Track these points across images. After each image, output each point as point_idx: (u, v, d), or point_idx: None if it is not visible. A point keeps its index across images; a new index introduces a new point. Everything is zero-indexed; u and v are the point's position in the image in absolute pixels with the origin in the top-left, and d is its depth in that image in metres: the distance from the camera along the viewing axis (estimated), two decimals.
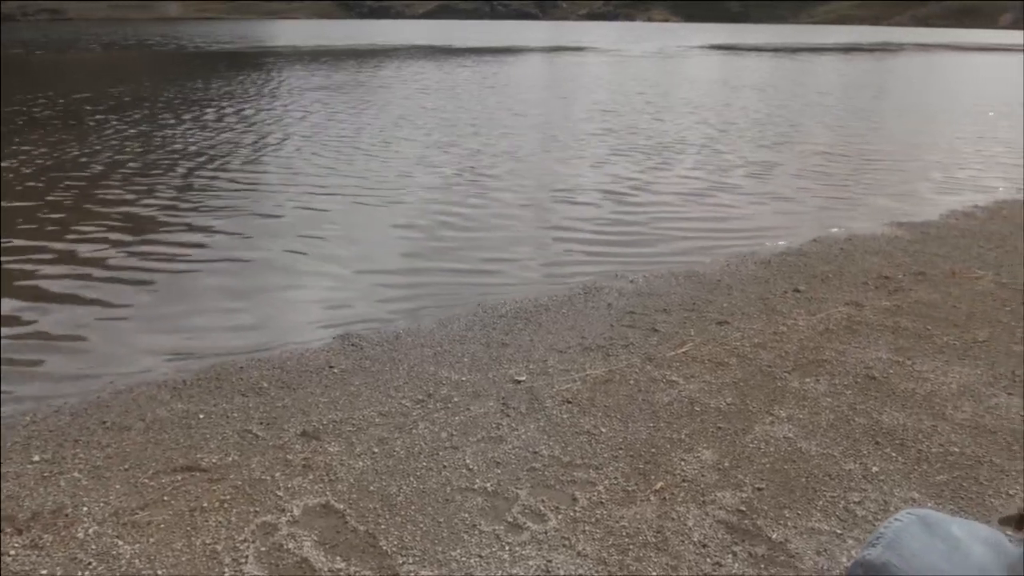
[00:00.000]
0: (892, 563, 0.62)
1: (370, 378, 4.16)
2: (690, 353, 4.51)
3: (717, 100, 20.18)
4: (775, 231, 7.67)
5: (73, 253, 6.63)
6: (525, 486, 3.20)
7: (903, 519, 0.67)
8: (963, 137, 14.44)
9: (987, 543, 0.61)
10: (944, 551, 0.61)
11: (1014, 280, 5.96)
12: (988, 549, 0.60)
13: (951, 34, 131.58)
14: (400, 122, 14.87)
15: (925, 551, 0.62)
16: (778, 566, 2.76)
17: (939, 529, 0.64)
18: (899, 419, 3.78)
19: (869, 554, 0.65)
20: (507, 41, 64.01)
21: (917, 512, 0.68)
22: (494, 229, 7.58)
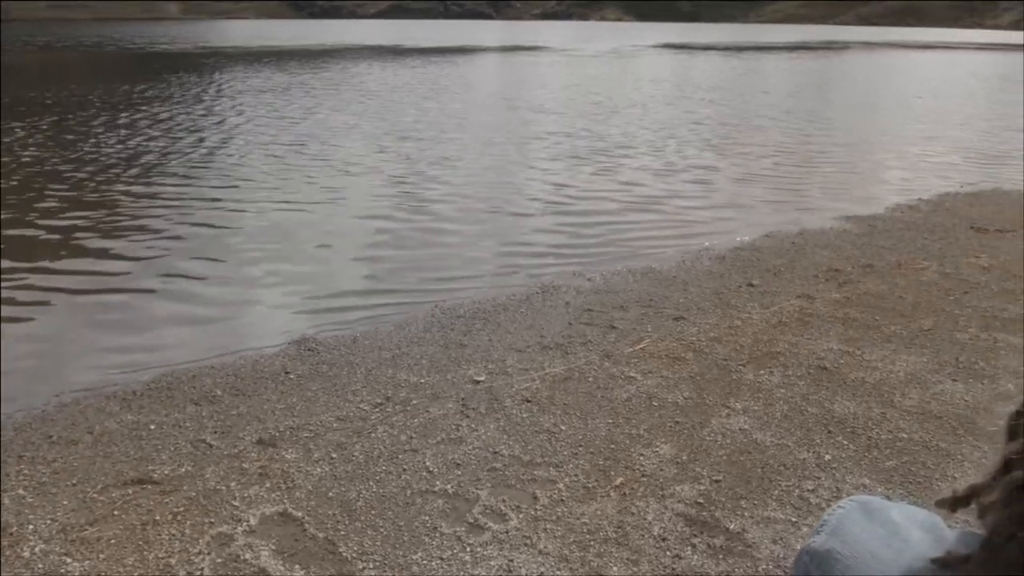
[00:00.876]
0: (836, 549, 0.63)
1: (327, 383, 4.11)
2: (647, 349, 4.56)
3: (670, 99, 20.44)
4: (729, 227, 7.80)
5: (10, 262, 6.40)
6: (486, 486, 3.19)
7: (846, 506, 0.69)
8: (907, 133, 14.89)
9: (924, 527, 0.62)
10: (884, 536, 0.62)
11: (957, 270, 6.16)
12: (925, 533, 0.61)
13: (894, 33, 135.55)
14: (347, 124, 14.70)
15: (866, 536, 0.63)
16: (736, 556, 2.80)
17: (879, 515, 0.65)
18: (850, 408, 3.87)
19: (814, 541, 0.66)
20: (460, 41, 63.89)
21: (859, 499, 0.69)
22: (450, 231, 7.55)
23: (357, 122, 14.88)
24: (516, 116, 16.31)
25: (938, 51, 60.51)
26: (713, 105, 19.03)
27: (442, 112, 16.62)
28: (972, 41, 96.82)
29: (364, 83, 23.82)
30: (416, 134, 13.47)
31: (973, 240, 7.11)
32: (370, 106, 17.44)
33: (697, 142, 13.13)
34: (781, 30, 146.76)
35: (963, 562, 0.55)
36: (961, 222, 7.82)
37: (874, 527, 0.64)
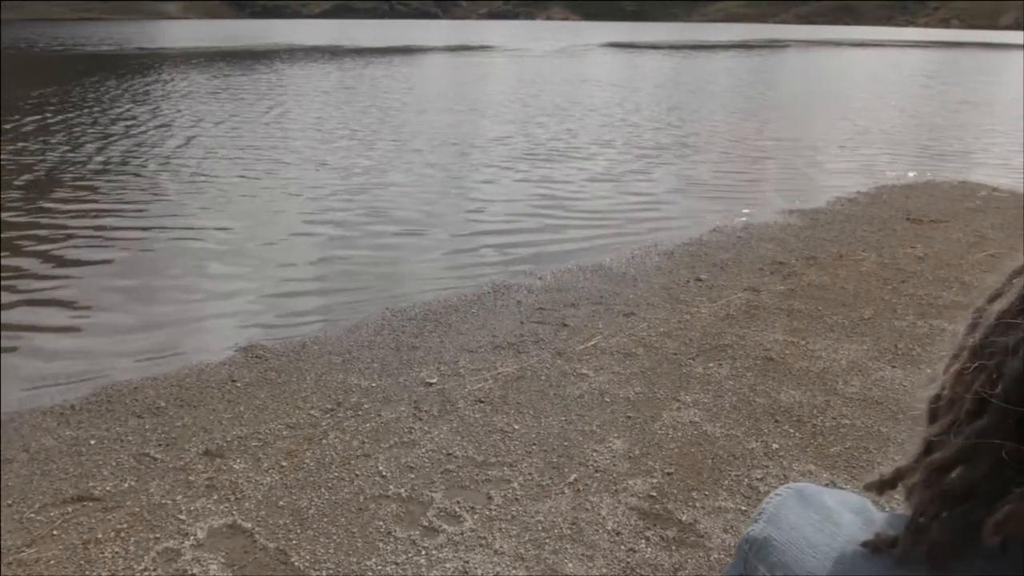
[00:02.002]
0: (772, 536, 0.64)
1: (276, 390, 4.03)
2: (599, 346, 4.59)
3: (618, 98, 20.65)
4: (677, 223, 7.92)
5: None
6: (440, 489, 3.17)
7: (782, 494, 0.70)
8: (845, 128, 15.33)
9: (855, 510, 0.63)
10: (817, 521, 0.63)
11: (894, 260, 6.37)
12: (856, 516, 0.62)
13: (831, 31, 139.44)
14: (291, 126, 14.47)
15: (800, 523, 0.64)
16: (688, 547, 2.84)
17: (813, 501, 0.66)
18: (796, 397, 3.96)
19: (753, 530, 0.67)
20: (406, 41, 63.43)
21: (795, 486, 0.70)
22: (399, 234, 7.49)
23: (302, 124, 14.64)
24: (464, 117, 16.26)
25: (872, 49, 62.53)
26: (659, 103, 19.30)
27: (387, 114, 16.47)
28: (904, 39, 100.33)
29: (306, 85, 23.46)
30: (362, 136, 13.32)
31: (909, 231, 7.36)
32: (314, 108, 17.18)
33: (644, 140, 13.29)
34: (723, 29, 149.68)
35: (890, 544, 0.56)
36: (897, 214, 8.08)
37: (808, 513, 0.64)
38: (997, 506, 0.49)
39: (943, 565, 0.53)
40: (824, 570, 0.58)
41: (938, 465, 0.55)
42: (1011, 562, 0.51)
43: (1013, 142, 13.97)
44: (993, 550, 0.51)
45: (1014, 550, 0.51)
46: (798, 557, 0.61)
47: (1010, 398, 0.51)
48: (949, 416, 0.56)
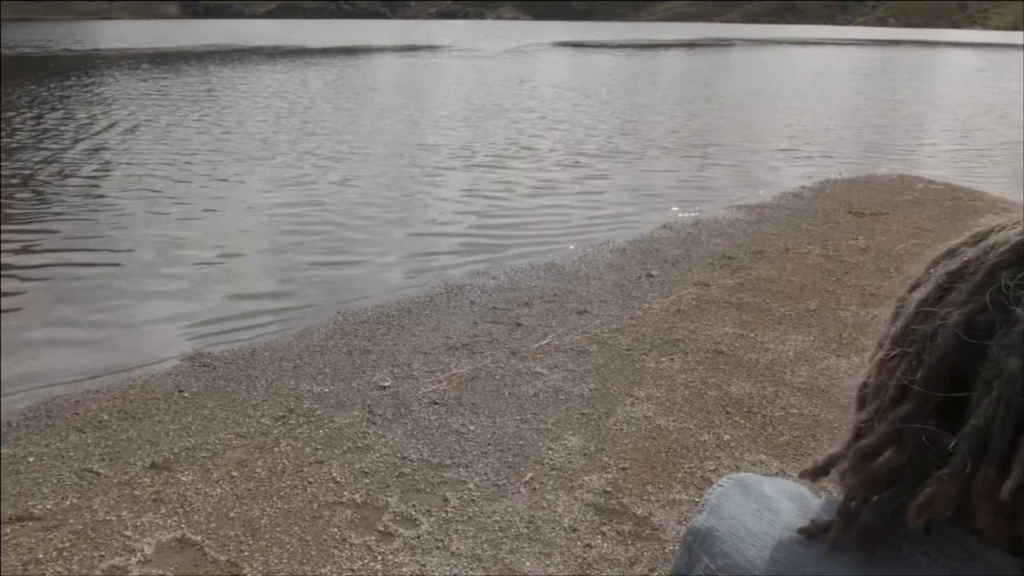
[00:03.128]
0: (715, 527, 0.65)
1: (225, 399, 3.94)
2: (553, 344, 4.61)
3: (569, 97, 20.77)
4: (628, 220, 8.00)
5: None
6: (395, 493, 3.14)
7: (724, 484, 0.70)
8: (790, 124, 15.70)
9: (792, 498, 0.64)
10: (757, 510, 0.64)
11: (838, 252, 6.54)
12: (793, 504, 0.63)
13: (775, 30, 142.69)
14: (235, 129, 14.17)
15: (741, 512, 0.64)
16: (644, 540, 2.87)
17: (753, 490, 0.67)
18: (746, 388, 4.04)
19: (696, 521, 0.68)
20: (354, 41, 62.74)
21: (735, 477, 0.71)
22: (349, 237, 7.40)
23: (246, 128, 14.35)
24: (414, 119, 16.15)
25: (815, 47, 64.20)
26: (610, 101, 19.48)
27: (335, 116, 16.26)
28: (844, 37, 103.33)
29: (250, 86, 23.00)
30: (309, 139, 13.12)
31: (851, 223, 7.58)
32: (258, 111, 16.85)
33: (595, 138, 13.40)
34: (671, 28, 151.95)
35: (824, 529, 0.57)
36: (840, 207, 8.31)
37: (748, 502, 0.65)
38: (919, 489, 0.50)
39: (873, 548, 0.54)
40: (763, 558, 0.59)
41: (865, 451, 0.56)
42: (936, 543, 0.52)
43: (947, 137, 14.50)
44: (919, 532, 0.52)
45: (938, 531, 0.52)
46: (738, 546, 0.61)
47: (929, 384, 0.52)
48: (875, 403, 0.58)
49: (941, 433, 0.51)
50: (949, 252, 0.58)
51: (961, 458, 0.48)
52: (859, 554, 0.54)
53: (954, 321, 0.51)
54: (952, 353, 0.51)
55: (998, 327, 0.49)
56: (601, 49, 52.92)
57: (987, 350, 0.49)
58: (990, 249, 0.53)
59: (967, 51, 63.21)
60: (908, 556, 0.52)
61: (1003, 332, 0.48)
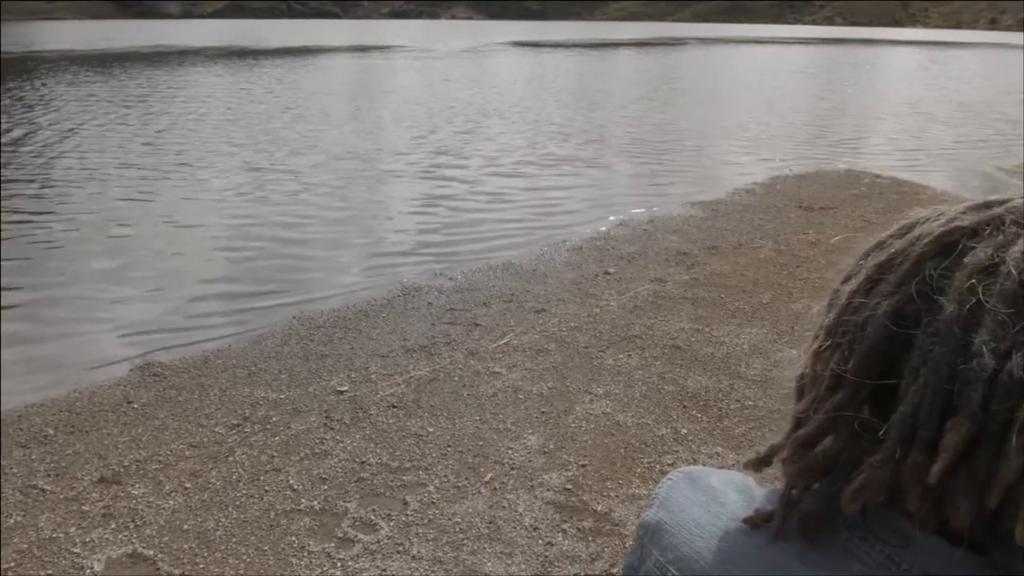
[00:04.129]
0: (664, 520, 0.65)
1: (177, 409, 3.84)
2: (511, 343, 4.61)
3: (522, 96, 20.81)
4: (584, 217, 8.05)
5: None
6: (354, 498, 3.10)
7: (673, 478, 0.71)
8: (741, 121, 15.99)
9: (738, 489, 0.65)
10: (704, 502, 0.64)
11: (789, 246, 6.68)
12: (739, 494, 0.64)
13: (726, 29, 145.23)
14: (185, 132, 13.87)
15: (689, 504, 0.65)
16: (604, 536, 2.89)
17: (701, 482, 0.67)
18: (702, 382, 4.10)
19: (647, 515, 0.68)
20: (304, 41, 61.86)
21: (684, 470, 0.71)
22: (304, 240, 7.29)
23: (198, 131, 14.04)
24: (369, 120, 16.00)
25: (765, 46, 65.51)
26: (564, 101, 19.57)
27: (287, 118, 16.00)
28: (793, 36, 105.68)
29: (199, 89, 22.51)
30: (261, 141, 12.90)
31: (802, 218, 7.75)
32: (209, 113, 16.50)
33: (550, 138, 13.45)
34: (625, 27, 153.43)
35: (767, 519, 0.58)
36: (791, 202, 8.48)
37: (696, 494, 0.66)
38: (853, 476, 0.51)
39: (814, 535, 0.55)
40: (710, 548, 0.59)
41: (803, 440, 0.57)
42: (872, 528, 0.53)
43: (892, 133, 14.93)
44: (856, 517, 0.53)
45: (873, 516, 0.53)
46: (687, 538, 0.62)
47: (860, 373, 0.53)
48: (812, 393, 0.59)
49: (873, 420, 0.52)
50: (878, 244, 0.59)
51: (891, 444, 0.49)
52: (801, 541, 0.55)
53: (883, 311, 0.52)
54: (881, 342, 0.52)
55: (924, 316, 0.50)
56: (556, 49, 53.18)
57: (914, 339, 0.50)
58: (915, 241, 0.54)
59: (909, 49, 65.23)
60: (847, 541, 0.53)
61: (928, 321, 0.49)
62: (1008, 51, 62.90)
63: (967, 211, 0.53)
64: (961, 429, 0.46)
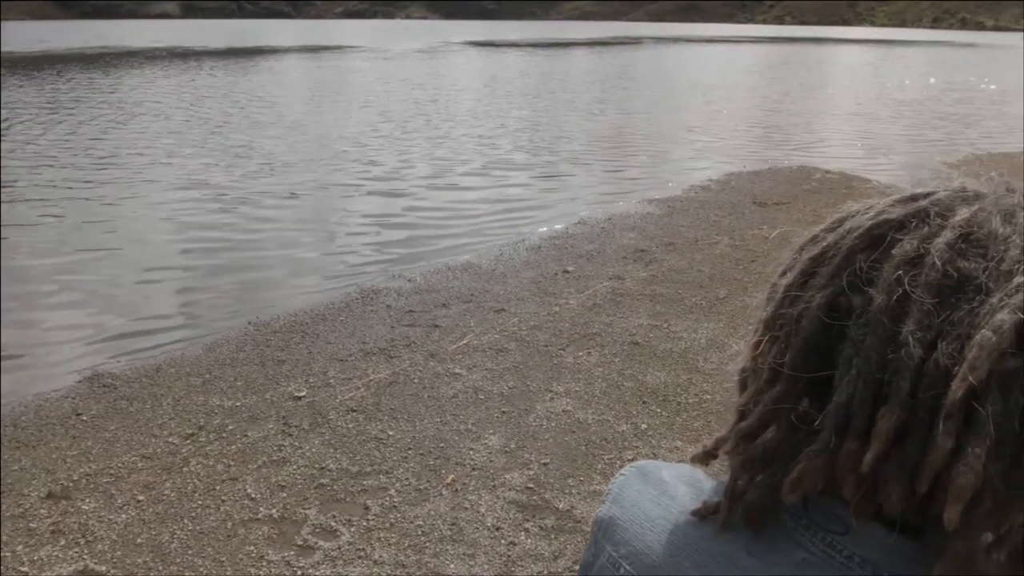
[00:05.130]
0: (616, 516, 0.65)
1: (128, 420, 3.74)
2: (471, 344, 4.60)
3: (479, 96, 20.80)
4: (542, 216, 8.07)
5: None
6: (314, 505, 3.06)
7: (626, 473, 0.71)
8: (696, 119, 16.22)
9: (688, 482, 0.66)
10: (655, 496, 0.65)
11: (744, 242, 6.79)
12: (689, 487, 0.64)
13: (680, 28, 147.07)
14: (134, 135, 13.53)
15: (641, 499, 0.65)
16: (567, 533, 2.90)
17: (652, 477, 0.68)
18: (661, 377, 4.14)
19: (600, 511, 0.68)
20: (257, 42, 60.87)
21: (637, 464, 0.72)
22: (259, 244, 7.16)
23: (148, 134, 13.70)
24: (324, 122, 15.81)
25: (718, 45, 66.55)
26: (521, 100, 19.61)
27: (239, 120, 15.72)
28: (745, 35, 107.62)
29: (146, 92, 21.97)
30: (214, 143, 12.65)
31: (756, 213, 7.89)
32: (159, 116, 16.11)
33: (507, 137, 13.46)
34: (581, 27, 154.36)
35: (714, 511, 0.58)
36: (745, 198, 8.63)
37: (648, 489, 0.66)
38: (792, 466, 0.52)
39: (758, 526, 0.55)
40: (660, 542, 0.60)
41: (745, 433, 0.57)
42: (813, 517, 0.54)
43: (842, 128, 15.30)
44: (798, 507, 0.54)
45: (814, 505, 0.54)
46: (638, 533, 0.62)
47: (797, 366, 0.54)
48: (753, 386, 0.59)
49: (810, 412, 0.53)
50: (812, 239, 0.60)
51: (827, 434, 0.50)
52: (747, 531, 0.56)
53: (816, 304, 0.53)
54: (816, 335, 0.53)
55: (855, 308, 0.51)
56: (512, 48, 53.24)
57: (847, 330, 0.51)
58: (846, 234, 0.55)
59: (857, 47, 66.96)
60: (791, 531, 0.54)
61: (859, 312, 0.50)
62: (950, 49, 65.01)
63: (894, 204, 0.55)
64: (891, 417, 0.47)
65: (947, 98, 21.17)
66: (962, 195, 0.53)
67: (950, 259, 0.48)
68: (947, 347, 0.46)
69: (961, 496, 0.44)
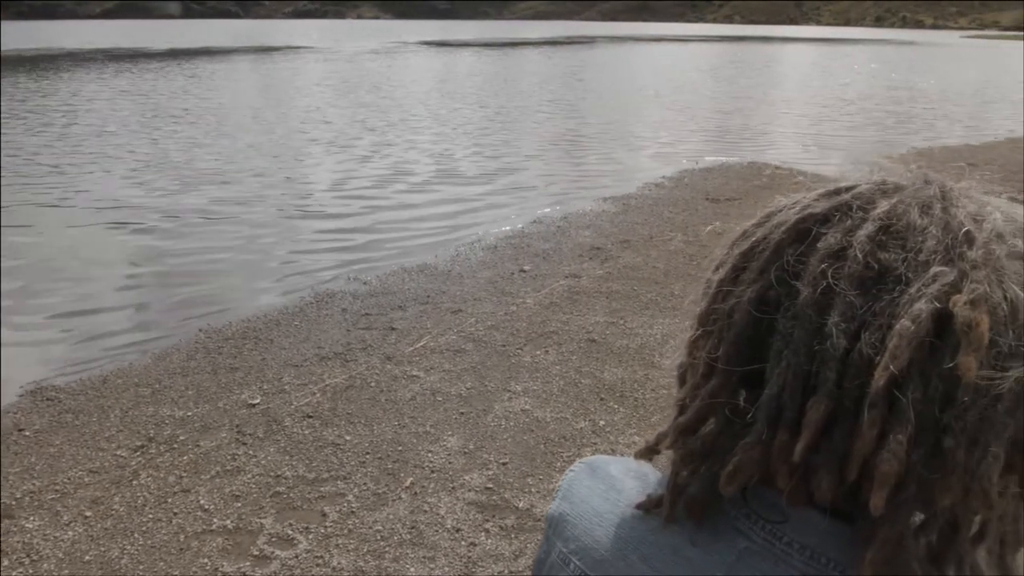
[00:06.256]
0: (566, 512, 0.65)
1: (74, 433, 3.62)
2: (428, 345, 4.57)
3: (433, 96, 20.70)
4: (498, 215, 8.06)
5: None
6: (270, 514, 3.01)
7: (575, 469, 0.72)
8: (649, 117, 16.41)
9: (636, 476, 0.66)
10: (603, 490, 0.65)
11: (697, 237, 6.89)
12: (636, 481, 0.65)
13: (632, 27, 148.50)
14: (77, 138, 13.13)
15: (589, 494, 0.65)
16: (527, 532, 2.90)
17: (601, 472, 0.68)
18: (618, 374, 4.17)
19: (551, 508, 0.69)
20: (200, 43, 59.55)
21: (586, 460, 0.72)
22: (210, 248, 7.00)
23: (94, 138, 13.30)
24: (274, 124, 15.52)
25: (670, 43, 67.44)
26: (475, 100, 19.57)
27: (189, 121, 15.35)
28: (695, 34, 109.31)
29: (90, 94, 21.33)
30: (164, 147, 12.33)
31: (709, 209, 8.01)
32: (104, 118, 15.64)
33: (461, 137, 13.43)
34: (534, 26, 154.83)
35: (658, 504, 0.59)
36: (698, 195, 8.76)
37: (596, 484, 0.67)
38: (728, 459, 0.53)
39: (701, 517, 0.56)
40: (608, 536, 0.60)
41: (683, 427, 0.58)
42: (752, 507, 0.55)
43: (791, 125, 15.64)
44: (738, 497, 0.55)
45: (753, 495, 0.55)
46: (587, 528, 0.62)
47: (730, 360, 0.54)
48: (691, 380, 0.60)
49: (744, 405, 0.54)
50: (743, 234, 0.61)
51: (760, 426, 0.51)
52: (691, 523, 0.56)
53: (747, 298, 0.54)
54: (748, 328, 0.53)
55: (784, 301, 0.51)
56: (465, 48, 53.14)
57: (776, 323, 0.51)
58: (774, 229, 0.56)
59: (804, 45, 68.57)
60: (734, 520, 0.55)
61: (787, 306, 0.51)
62: (892, 47, 67.04)
63: (819, 198, 0.56)
64: (820, 407, 0.48)
65: (890, 95, 21.83)
66: (882, 188, 0.54)
67: (871, 251, 0.49)
68: (870, 337, 0.47)
69: (885, 482, 0.45)
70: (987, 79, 28.74)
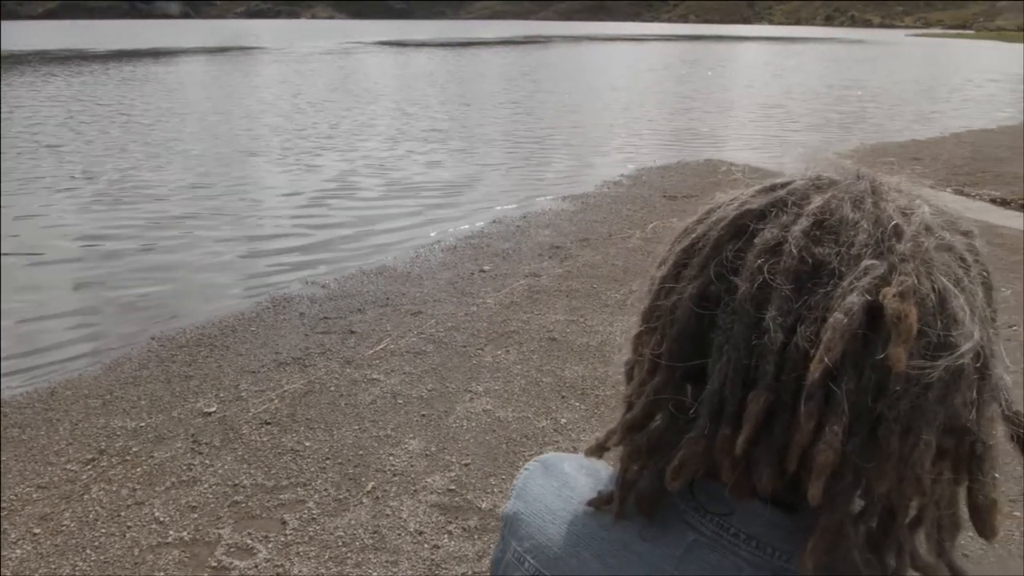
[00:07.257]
0: (521, 511, 0.65)
1: (20, 448, 3.50)
2: (388, 348, 4.53)
3: (391, 97, 20.55)
4: (456, 214, 8.04)
5: None
6: (228, 524, 2.95)
7: (529, 468, 0.72)
8: (606, 116, 16.52)
9: (589, 473, 0.66)
10: (556, 488, 0.65)
11: (655, 234, 6.96)
12: (589, 478, 0.65)
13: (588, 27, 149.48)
14: (23, 142, 12.72)
15: (543, 492, 0.65)
16: (490, 532, 2.90)
17: (554, 469, 0.68)
18: (579, 372, 4.19)
19: (506, 507, 0.69)
20: (147, 43, 58.17)
21: (540, 458, 0.72)
22: (160, 251, 6.84)
23: (37, 139, 12.88)
24: (229, 125, 15.23)
25: (626, 43, 68.07)
26: (433, 101, 19.49)
27: (138, 125, 14.98)
28: (651, 33, 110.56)
29: (31, 93, 20.68)
30: (114, 149, 12.01)
31: (666, 206, 8.10)
32: (47, 121, 15.16)
33: (418, 138, 13.35)
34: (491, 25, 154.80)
35: (608, 501, 0.59)
36: (656, 192, 8.86)
37: (550, 482, 0.67)
38: (673, 454, 0.53)
39: (650, 512, 0.56)
40: (560, 533, 0.60)
41: (630, 423, 0.58)
42: (699, 500, 0.55)
43: (745, 123, 15.91)
44: (685, 492, 0.55)
45: (699, 489, 0.55)
46: (540, 526, 0.62)
47: (673, 356, 0.54)
48: (637, 377, 0.60)
49: (688, 401, 0.54)
50: (685, 231, 0.61)
51: (703, 421, 0.51)
52: (641, 518, 0.56)
53: (688, 294, 0.54)
54: (690, 324, 0.54)
55: (724, 296, 0.52)
56: (422, 48, 52.89)
57: (717, 319, 0.52)
58: (714, 225, 0.57)
59: (757, 44, 69.85)
60: (683, 514, 0.56)
61: (727, 301, 0.51)
62: (841, 45, 68.72)
63: (756, 194, 0.56)
64: (759, 401, 0.48)
65: (840, 93, 22.35)
66: (817, 183, 0.55)
67: (805, 246, 0.49)
68: (805, 331, 0.47)
69: (822, 472, 0.46)
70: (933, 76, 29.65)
